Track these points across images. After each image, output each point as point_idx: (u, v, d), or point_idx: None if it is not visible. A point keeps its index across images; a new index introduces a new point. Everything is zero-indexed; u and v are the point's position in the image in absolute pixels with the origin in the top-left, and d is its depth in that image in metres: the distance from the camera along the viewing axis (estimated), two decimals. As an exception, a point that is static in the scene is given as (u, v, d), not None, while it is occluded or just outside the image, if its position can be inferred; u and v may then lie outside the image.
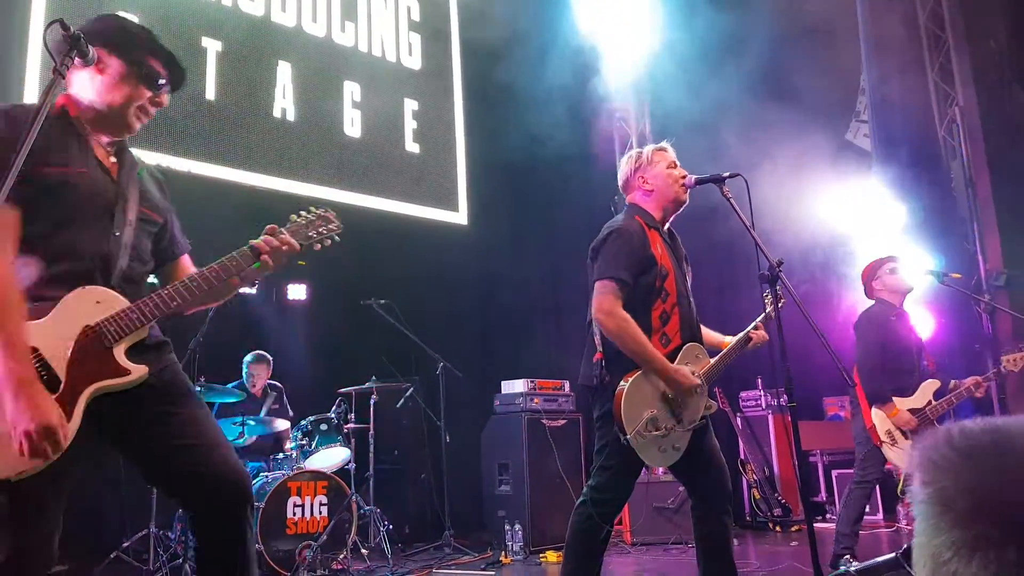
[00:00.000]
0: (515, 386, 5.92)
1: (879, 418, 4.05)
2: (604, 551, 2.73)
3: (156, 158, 4.80)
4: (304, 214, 2.17)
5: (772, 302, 2.87)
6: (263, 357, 5.49)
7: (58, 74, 1.68)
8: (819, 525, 6.39)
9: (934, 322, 6.69)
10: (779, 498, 6.84)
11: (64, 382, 1.75)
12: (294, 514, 4.46)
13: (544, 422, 5.76)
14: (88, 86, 1.93)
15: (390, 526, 5.08)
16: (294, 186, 5.92)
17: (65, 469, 1.72)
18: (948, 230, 6.92)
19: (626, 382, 2.63)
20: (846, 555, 3.96)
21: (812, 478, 7.23)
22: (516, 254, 7.19)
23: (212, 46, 5.66)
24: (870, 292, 4.43)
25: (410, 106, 6.93)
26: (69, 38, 1.69)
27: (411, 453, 6.37)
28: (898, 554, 3.34)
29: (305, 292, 6.18)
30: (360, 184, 6.38)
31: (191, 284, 1.94)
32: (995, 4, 7.14)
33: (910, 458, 0.70)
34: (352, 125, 6.44)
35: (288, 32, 6.17)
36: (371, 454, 5.25)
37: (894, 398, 4.06)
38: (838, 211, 6.82)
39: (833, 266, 7.11)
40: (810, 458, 7.32)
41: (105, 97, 1.92)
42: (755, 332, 3.00)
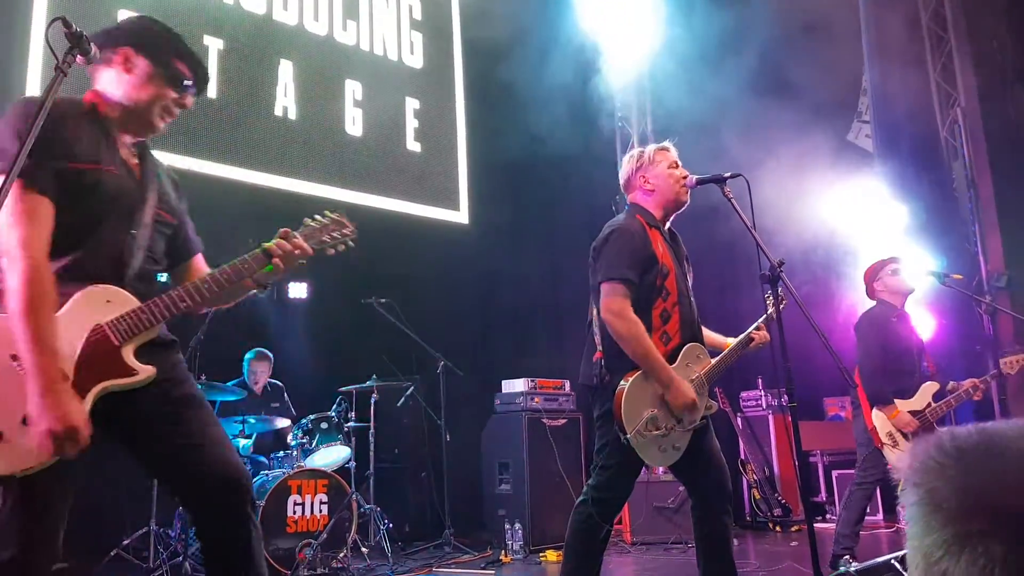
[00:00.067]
0: (515, 385, 5.93)
1: (880, 419, 4.04)
2: (604, 550, 2.73)
3: (157, 156, 4.78)
4: (318, 218, 2.16)
5: (773, 302, 2.86)
6: (265, 354, 5.49)
7: (60, 71, 1.68)
8: (819, 525, 6.39)
9: (935, 323, 6.69)
10: (779, 498, 6.84)
11: (72, 380, 1.75)
12: (294, 512, 4.47)
13: (544, 421, 5.76)
14: (115, 85, 1.95)
15: (390, 525, 5.08)
16: (295, 184, 5.91)
17: (72, 467, 1.72)
18: (949, 231, 6.91)
19: (626, 381, 2.63)
20: (846, 556, 3.96)
21: (812, 478, 7.23)
22: (517, 253, 7.18)
23: (214, 44, 5.66)
24: (871, 293, 4.43)
25: (411, 105, 6.92)
26: (71, 35, 1.69)
27: (411, 452, 6.37)
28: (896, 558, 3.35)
29: (306, 290, 6.18)
30: (361, 183, 6.37)
31: (202, 286, 1.95)
32: (997, 4, 7.14)
33: (903, 463, 0.70)
34: (353, 124, 6.44)
35: (290, 30, 6.17)
36: (371, 453, 5.25)
37: (895, 400, 4.06)
38: (839, 211, 6.80)
39: (834, 266, 7.10)
40: (810, 458, 7.31)
41: (131, 95, 1.94)
42: (757, 333, 2.99)
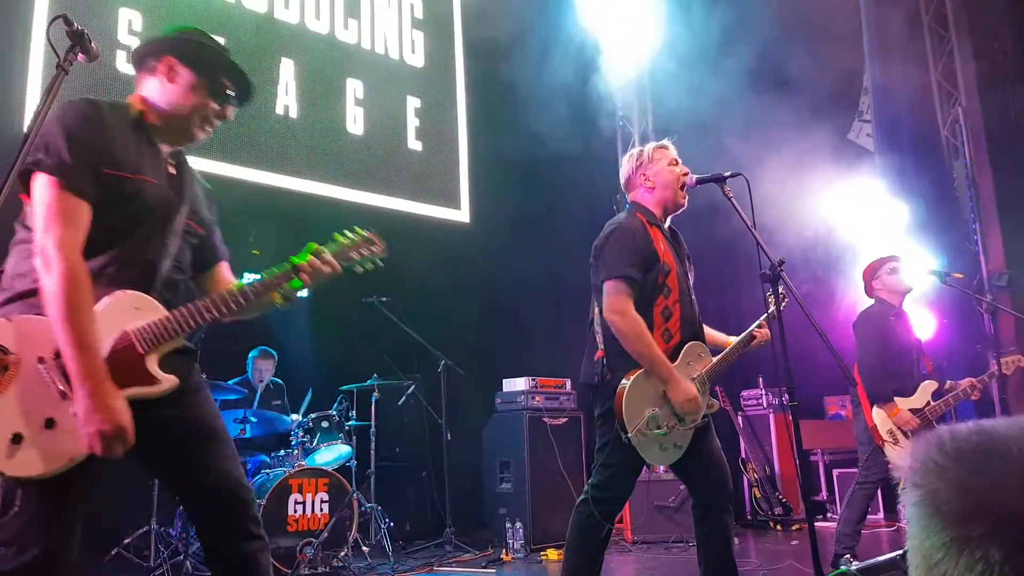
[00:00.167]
0: (516, 384, 5.93)
1: (880, 418, 4.04)
2: (605, 549, 2.73)
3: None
4: (348, 234, 2.14)
5: (774, 301, 2.86)
6: (269, 353, 5.50)
7: (61, 69, 1.68)
8: (820, 524, 6.39)
9: (936, 322, 6.68)
10: (780, 497, 6.84)
11: None
12: (295, 511, 4.47)
13: (545, 420, 5.77)
14: (158, 93, 1.96)
15: (391, 523, 5.09)
16: (296, 183, 5.91)
17: (93, 468, 1.74)
18: (950, 229, 6.90)
19: (628, 380, 2.63)
20: (847, 555, 3.96)
21: (813, 477, 7.22)
22: (518, 252, 7.18)
23: (215, 43, 5.67)
24: (870, 291, 4.43)
25: (413, 104, 6.92)
26: (72, 33, 1.69)
27: (412, 451, 6.37)
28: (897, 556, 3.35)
29: (307, 289, 6.17)
30: (362, 181, 6.37)
31: (229, 298, 1.94)
32: (999, 4, 7.13)
33: (903, 463, 0.70)
34: (355, 122, 6.44)
35: (291, 29, 6.17)
36: (372, 451, 5.26)
37: (895, 398, 4.06)
38: (840, 210, 6.80)
39: (835, 265, 7.09)
40: (811, 457, 7.31)
41: (173, 103, 1.96)
42: (758, 331, 2.99)
